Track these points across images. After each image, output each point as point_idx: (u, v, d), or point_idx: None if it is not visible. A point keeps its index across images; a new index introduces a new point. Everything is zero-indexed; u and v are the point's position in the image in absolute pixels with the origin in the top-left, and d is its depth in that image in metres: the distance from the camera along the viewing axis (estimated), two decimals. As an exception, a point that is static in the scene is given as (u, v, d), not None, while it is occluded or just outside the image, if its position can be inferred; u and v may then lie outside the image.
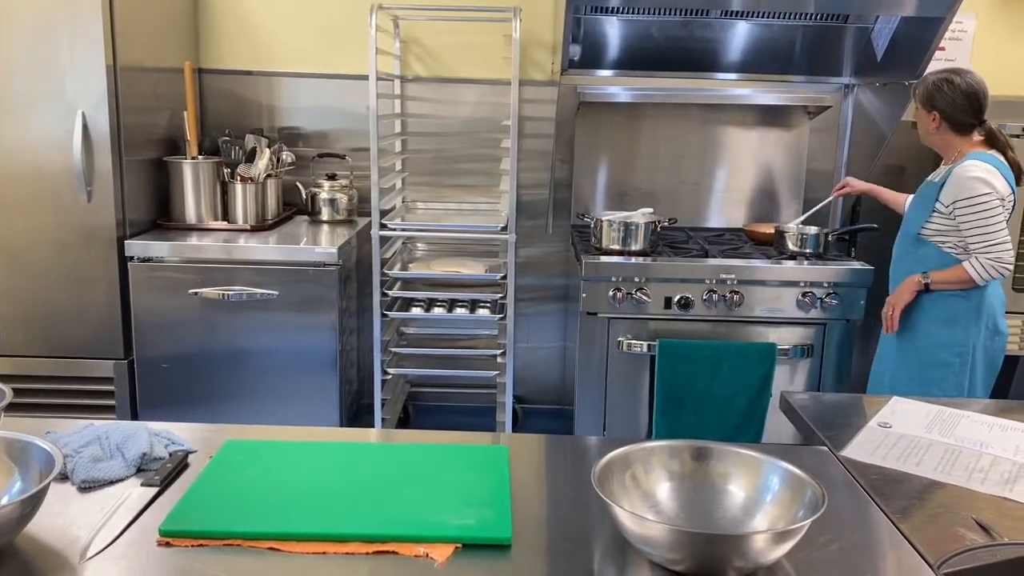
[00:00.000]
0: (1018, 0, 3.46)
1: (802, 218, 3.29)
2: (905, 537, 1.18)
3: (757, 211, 3.67)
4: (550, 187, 3.53)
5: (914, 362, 2.63)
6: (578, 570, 1.08)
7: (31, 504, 1.05)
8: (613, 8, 3.09)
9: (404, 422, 3.68)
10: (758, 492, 1.18)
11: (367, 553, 1.10)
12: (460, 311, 3.32)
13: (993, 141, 2.55)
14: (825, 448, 1.49)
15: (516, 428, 3.58)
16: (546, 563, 1.09)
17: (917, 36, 3.00)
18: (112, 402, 3.00)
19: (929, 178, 2.66)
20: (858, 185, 3.07)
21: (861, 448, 1.48)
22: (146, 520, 1.16)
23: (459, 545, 1.11)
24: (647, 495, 1.19)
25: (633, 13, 3.13)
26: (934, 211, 2.55)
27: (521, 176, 3.56)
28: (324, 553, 1.09)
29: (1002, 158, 2.53)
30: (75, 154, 2.81)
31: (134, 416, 3.01)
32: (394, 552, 1.10)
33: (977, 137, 2.56)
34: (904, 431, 1.55)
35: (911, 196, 2.90)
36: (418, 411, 3.80)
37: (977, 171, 2.46)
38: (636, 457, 1.21)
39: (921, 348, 2.62)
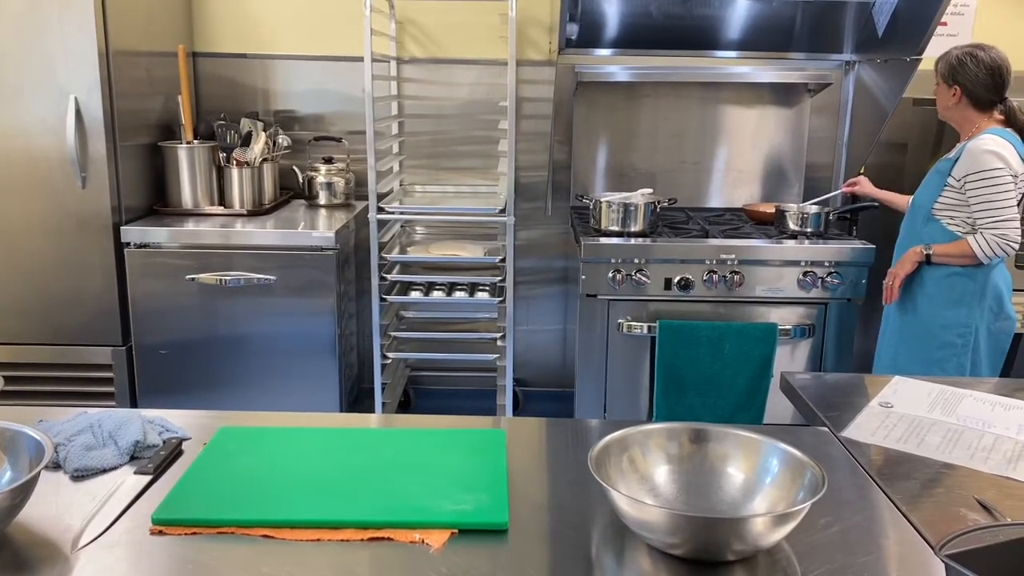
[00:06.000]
0: (1021, -27, 3.43)
1: (810, 202, 3.25)
2: (906, 518, 1.16)
3: (758, 190, 3.64)
4: (549, 168, 3.51)
5: (917, 343, 2.62)
6: (575, 555, 1.07)
7: (21, 493, 1.04)
8: (610, -14, 3.06)
9: (405, 406, 3.67)
10: (757, 474, 1.17)
11: (362, 540, 1.09)
12: (459, 294, 3.30)
13: (1012, 119, 2.51)
14: (826, 429, 1.47)
15: (517, 411, 3.58)
16: (543, 548, 1.08)
17: (918, 11, 2.96)
18: (111, 389, 2.99)
19: (945, 156, 2.63)
20: (868, 189, 3.02)
21: (862, 429, 1.46)
22: (139, 508, 1.15)
23: (455, 531, 1.10)
24: (645, 478, 1.18)
25: (631, -9, 3.10)
26: (946, 186, 2.52)
27: (519, 158, 3.53)
28: (319, 540, 1.08)
29: (1019, 136, 2.50)
30: (68, 140, 2.79)
31: (133, 403, 3.01)
32: (389, 538, 1.09)
33: (997, 115, 2.53)
34: (906, 411, 1.54)
35: None
36: (419, 395, 3.79)
37: (992, 145, 2.43)
38: (634, 440, 1.20)
39: (924, 328, 2.60)
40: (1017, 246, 2.45)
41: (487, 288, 3.34)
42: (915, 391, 1.64)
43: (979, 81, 2.48)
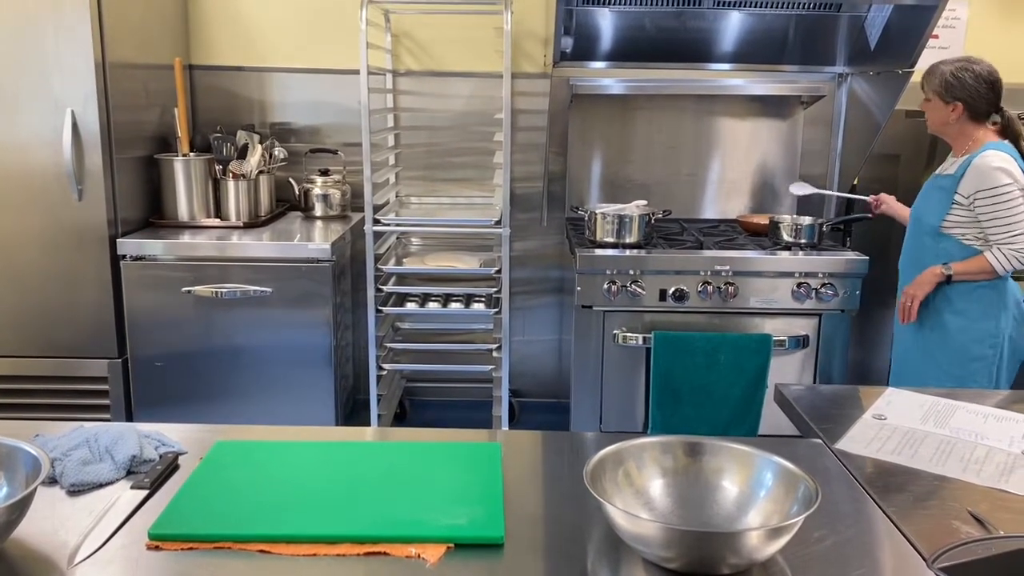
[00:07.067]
0: (1012, -14, 3.45)
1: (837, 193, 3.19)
2: (900, 531, 1.17)
3: (752, 202, 3.66)
4: (544, 180, 3.52)
5: (946, 359, 2.57)
6: (571, 569, 1.07)
7: (17, 510, 1.04)
8: (605, -1, 3.08)
9: (401, 417, 3.67)
10: (751, 488, 1.17)
11: (358, 554, 1.09)
12: (455, 306, 3.30)
13: (1009, 129, 2.51)
14: (820, 441, 1.48)
15: (513, 422, 3.58)
16: (539, 562, 1.08)
17: (910, 24, 2.99)
18: (107, 402, 2.98)
19: (939, 170, 2.61)
20: (895, 207, 2.95)
21: (856, 441, 1.47)
22: (136, 523, 1.15)
23: (451, 545, 1.10)
24: (640, 492, 1.18)
25: (625, 4, 3.10)
26: (953, 203, 2.50)
27: (515, 169, 3.54)
28: (315, 555, 1.08)
29: (1015, 147, 2.50)
30: (65, 152, 2.79)
31: (129, 416, 3.00)
32: (385, 553, 1.09)
33: (992, 126, 2.52)
34: (899, 423, 1.55)
35: None
36: (415, 406, 3.79)
37: (998, 161, 2.42)
38: (629, 454, 1.20)
39: (955, 343, 2.55)
40: None
41: (483, 299, 3.34)
42: (908, 403, 1.64)
43: (980, 95, 2.47)
